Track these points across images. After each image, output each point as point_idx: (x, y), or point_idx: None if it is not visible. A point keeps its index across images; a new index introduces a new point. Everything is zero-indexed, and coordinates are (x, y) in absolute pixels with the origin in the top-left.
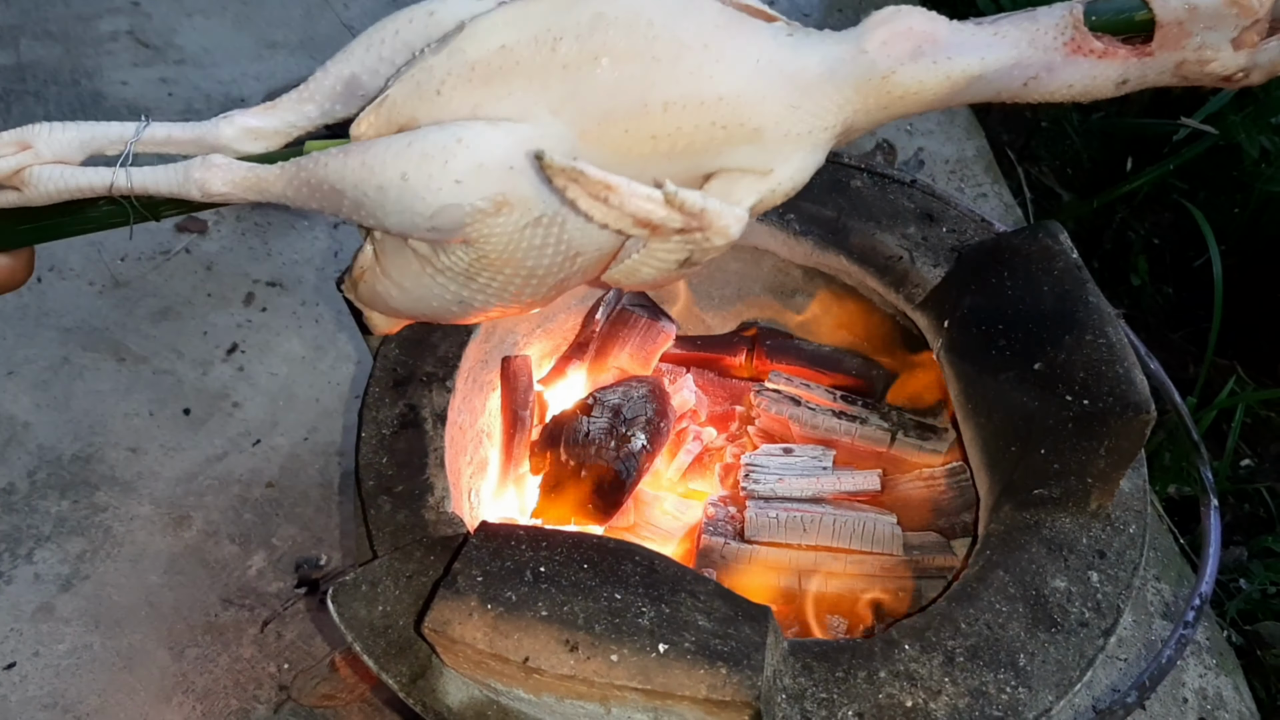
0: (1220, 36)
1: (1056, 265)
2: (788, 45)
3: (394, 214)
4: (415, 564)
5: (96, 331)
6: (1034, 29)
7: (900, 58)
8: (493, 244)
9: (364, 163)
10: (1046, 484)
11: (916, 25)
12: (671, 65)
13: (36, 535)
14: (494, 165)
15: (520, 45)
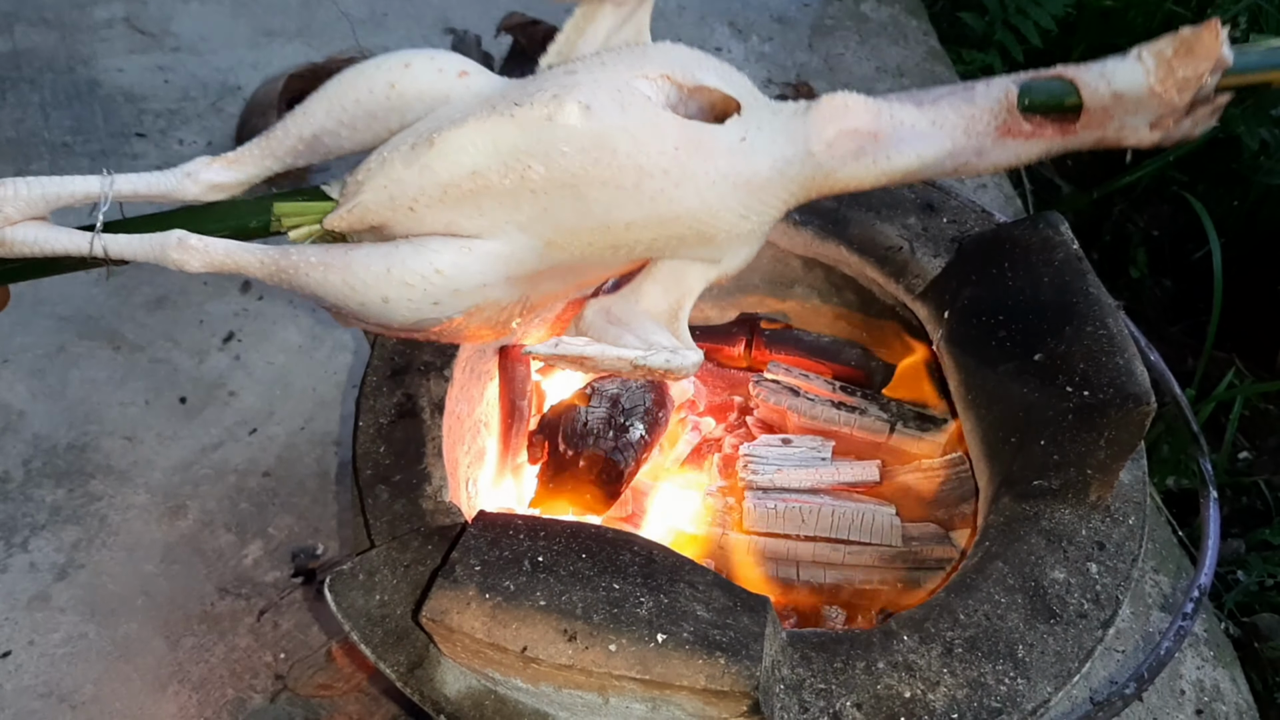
0: (1140, 120)
1: (1057, 256)
2: (740, 153)
3: (374, 322)
4: (413, 553)
5: (92, 320)
6: (971, 114)
7: (844, 158)
8: (467, 330)
9: (345, 282)
10: (1046, 475)
11: (861, 125)
12: (634, 191)
13: (32, 524)
14: (469, 289)
15: (491, 171)
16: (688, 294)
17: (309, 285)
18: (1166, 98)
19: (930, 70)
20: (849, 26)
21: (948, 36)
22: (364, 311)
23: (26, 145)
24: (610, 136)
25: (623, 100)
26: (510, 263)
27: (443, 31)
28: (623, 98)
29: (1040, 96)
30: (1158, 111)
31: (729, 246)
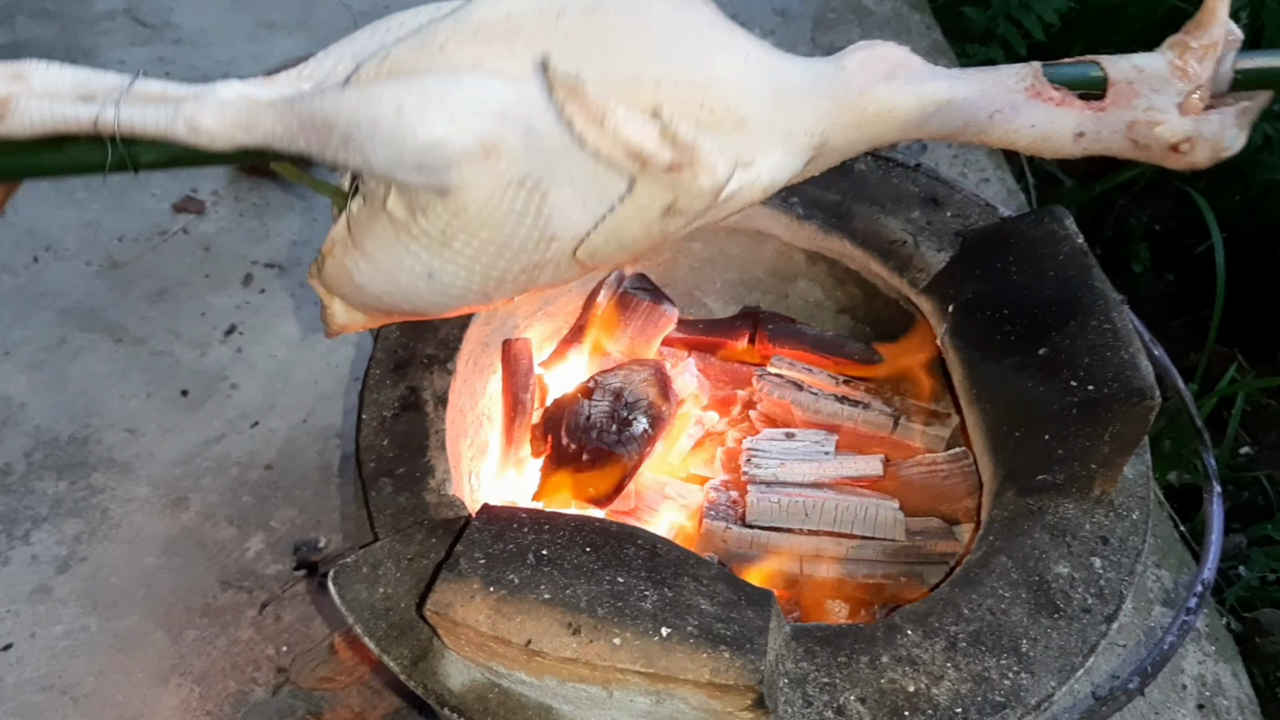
0: (1166, 100)
1: (1062, 250)
2: (775, 53)
3: (383, 147)
4: (416, 546)
5: (93, 312)
6: (997, 75)
7: (876, 77)
8: (474, 196)
9: (361, 94)
10: (1050, 470)
11: (892, 53)
12: (668, 46)
13: (33, 517)
14: (489, 109)
15: (526, 14)
16: None
17: (323, 108)
18: (1187, 70)
19: (934, 63)
20: (851, 20)
21: (950, 30)
22: (373, 130)
23: None
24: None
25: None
26: (534, 110)
27: None
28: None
29: (1065, 71)
30: (1182, 87)
31: (762, 142)
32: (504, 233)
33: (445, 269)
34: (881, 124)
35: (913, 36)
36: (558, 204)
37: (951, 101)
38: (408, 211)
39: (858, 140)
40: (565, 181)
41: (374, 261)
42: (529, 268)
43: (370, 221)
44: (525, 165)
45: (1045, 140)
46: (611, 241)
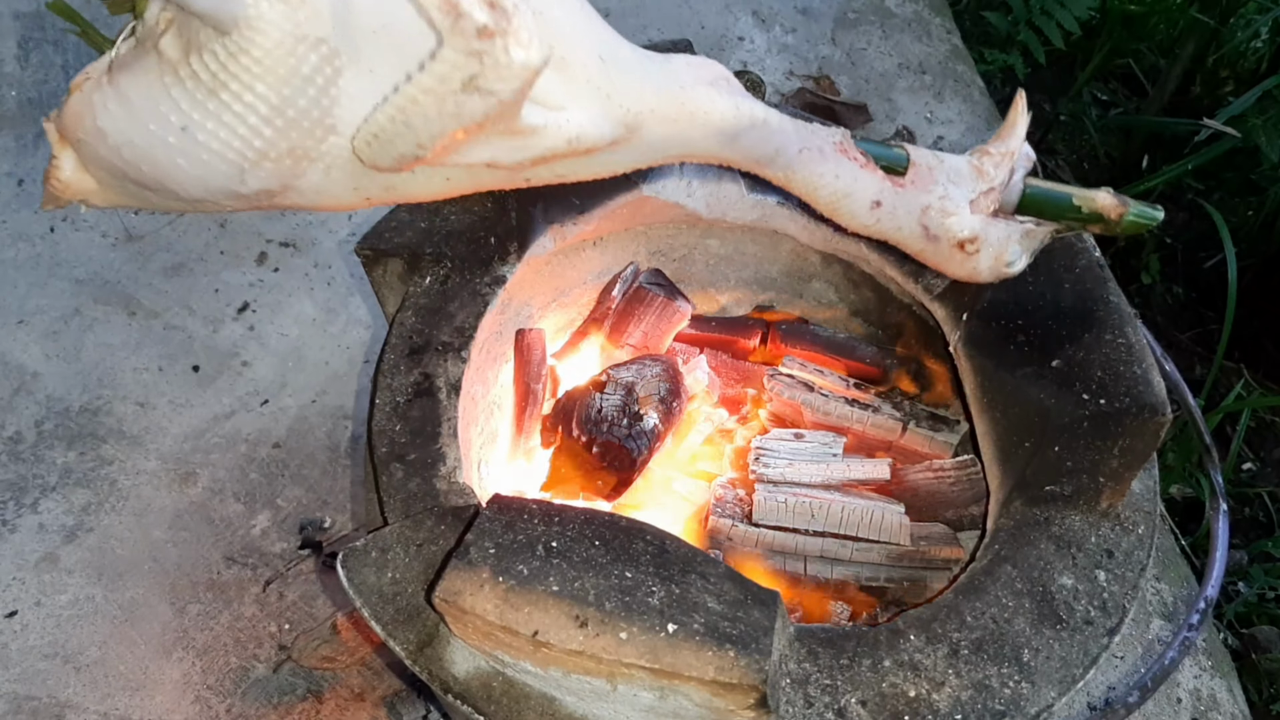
0: (961, 194)
1: (1079, 263)
2: (614, 37)
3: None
4: (426, 532)
5: (109, 284)
6: (810, 124)
7: (699, 79)
8: (262, 39)
9: None
10: (1058, 481)
11: (719, 68)
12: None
13: (42, 485)
14: None
15: None
16: None
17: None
18: (984, 170)
19: (952, 69)
20: (872, 21)
21: (971, 35)
22: None
23: (48, 106)
24: None
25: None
26: None
27: None
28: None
29: (872, 146)
30: (977, 186)
31: (578, 92)
32: (281, 94)
33: (203, 124)
34: (696, 126)
35: (933, 40)
36: (348, 89)
37: (767, 123)
38: (181, 51)
39: (670, 137)
40: (365, 70)
41: (126, 103)
42: (296, 153)
43: (136, 59)
44: (328, 28)
45: (845, 198)
46: (398, 122)
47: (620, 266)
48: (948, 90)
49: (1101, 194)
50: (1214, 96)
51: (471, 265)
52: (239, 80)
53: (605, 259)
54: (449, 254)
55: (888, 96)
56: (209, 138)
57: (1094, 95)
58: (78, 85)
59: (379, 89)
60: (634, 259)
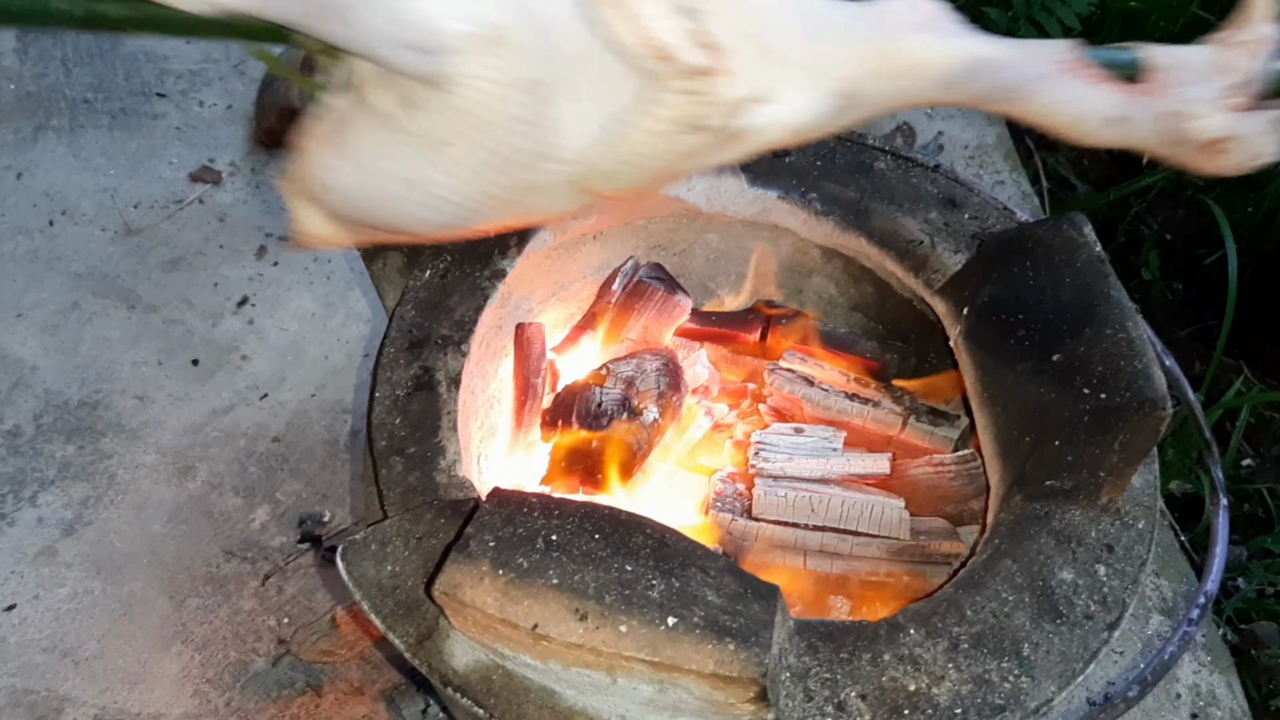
0: (1203, 93)
1: (1079, 258)
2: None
3: (374, 17)
4: (425, 526)
5: (107, 278)
6: (1037, 45)
7: (913, 25)
8: (473, 93)
9: None
10: (1059, 476)
11: (930, 6)
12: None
13: (41, 479)
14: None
15: None
16: None
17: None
18: (1230, 65)
19: None
20: None
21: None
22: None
23: (47, 100)
24: None
25: None
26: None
27: None
28: None
29: (1103, 53)
30: (1222, 83)
31: (791, 77)
32: (498, 138)
33: (430, 175)
34: (914, 77)
35: None
36: (563, 117)
37: (987, 60)
38: (396, 105)
39: (889, 93)
40: (576, 93)
41: (353, 162)
42: (521, 187)
43: (354, 116)
44: (534, 65)
45: (1077, 121)
46: (617, 157)
47: (620, 260)
48: None
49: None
50: None
51: (471, 259)
52: (455, 132)
53: (605, 253)
54: (448, 248)
55: None
56: (437, 187)
57: None
58: (302, 147)
59: (594, 111)
60: (634, 253)
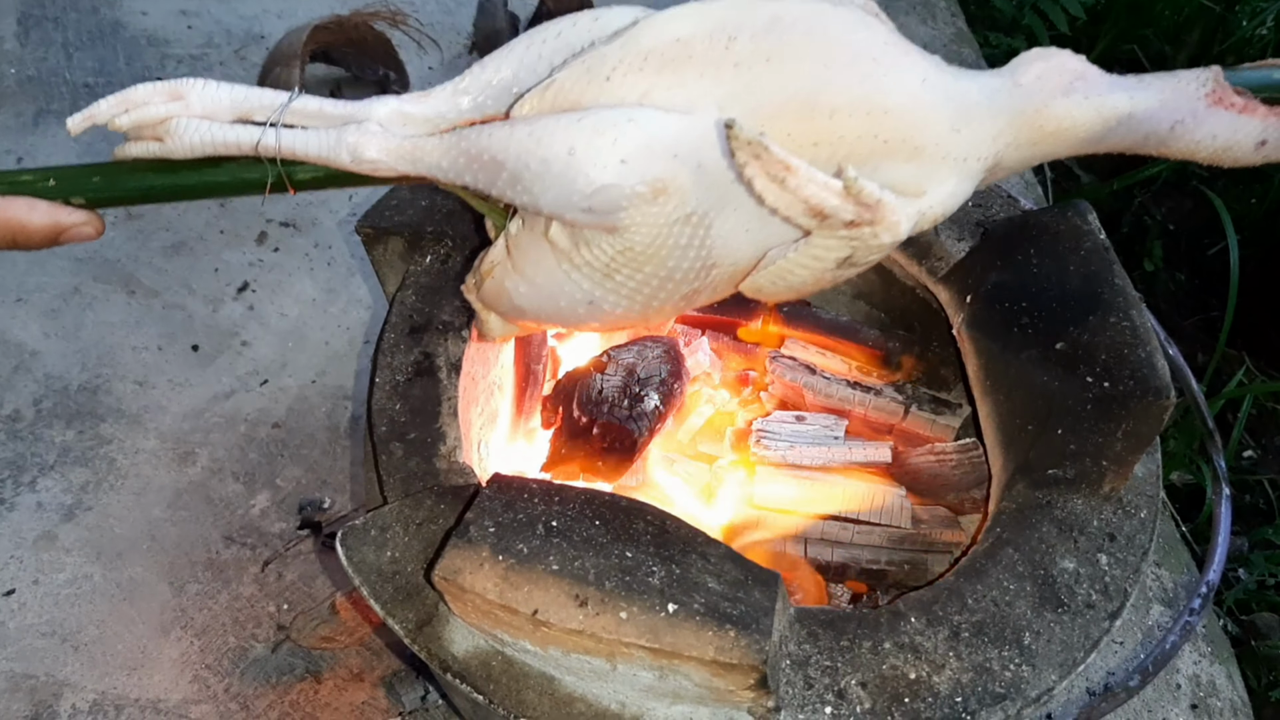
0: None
1: (1084, 245)
2: (949, 72)
3: (552, 189)
4: (425, 512)
5: (109, 263)
6: (1176, 82)
7: (1054, 91)
8: (641, 235)
9: (531, 134)
10: (1061, 464)
11: (1069, 64)
12: (844, 72)
13: (40, 464)
14: (661, 149)
15: (695, 39)
16: None
17: (490, 149)
18: None
19: (957, 52)
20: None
21: (976, 18)
22: (544, 171)
23: (48, 84)
24: (825, 15)
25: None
26: (704, 145)
27: None
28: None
29: (1247, 75)
30: None
31: (936, 171)
32: (668, 266)
33: (606, 298)
34: (1058, 141)
35: (938, 23)
36: (721, 232)
37: (1133, 115)
38: (570, 242)
39: (1030, 158)
40: (731, 210)
41: (534, 286)
42: (689, 294)
43: (531, 246)
44: (694, 201)
45: (1227, 151)
46: (779, 283)
47: None
48: None
49: None
50: None
51: (473, 244)
52: (630, 264)
53: None
54: (450, 232)
55: None
56: (613, 306)
57: None
58: (489, 272)
59: (747, 219)
60: None
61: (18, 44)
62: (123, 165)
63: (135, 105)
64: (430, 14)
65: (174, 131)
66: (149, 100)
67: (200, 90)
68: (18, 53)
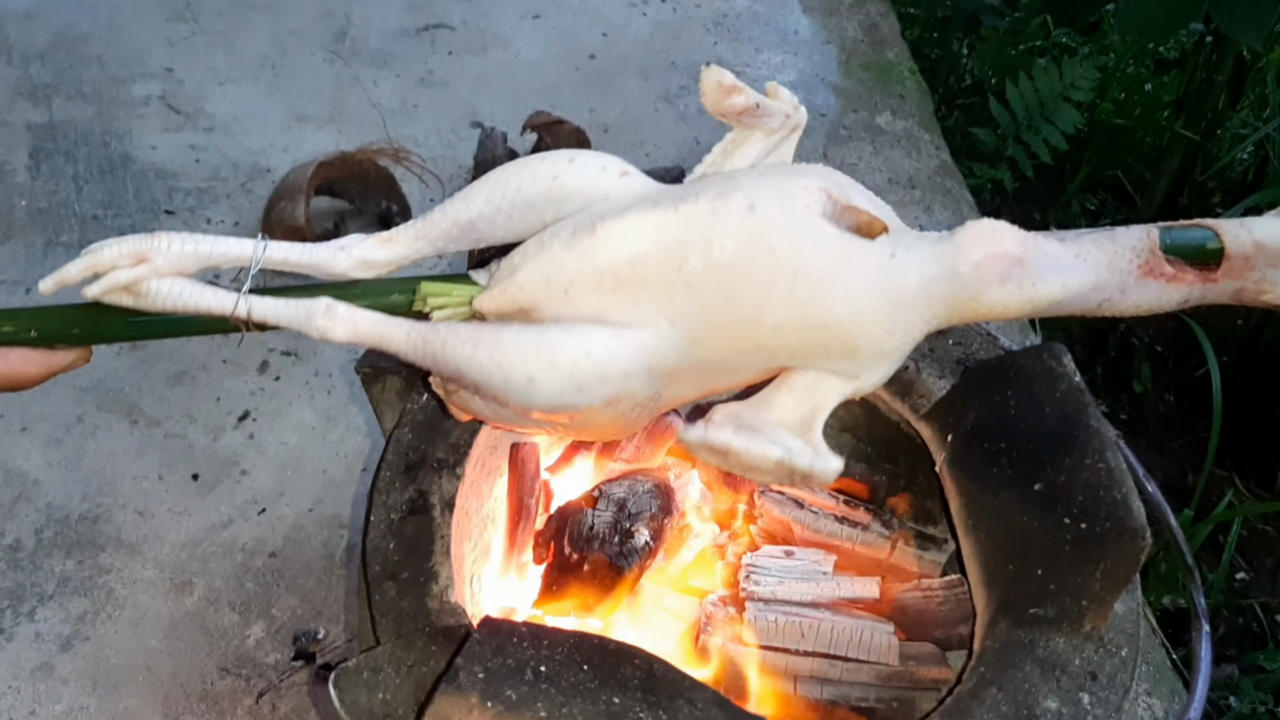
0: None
1: (1060, 387)
2: (890, 269)
3: (513, 402)
4: (417, 653)
5: (112, 392)
6: (1114, 250)
7: (990, 281)
8: (595, 420)
9: (492, 358)
10: (1042, 603)
11: (1009, 249)
12: (787, 293)
13: (40, 593)
14: (615, 376)
15: (649, 260)
16: (822, 406)
17: (454, 361)
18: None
19: (941, 183)
20: (864, 137)
21: (960, 150)
22: (505, 391)
23: (57, 216)
24: (770, 236)
25: (784, 205)
26: (656, 355)
27: (470, 125)
28: (784, 202)
29: (1181, 240)
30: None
31: (870, 362)
32: (620, 423)
33: (567, 435)
34: (988, 317)
35: (922, 155)
36: (673, 394)
37: (1063, 301)
38: None
39: (958, 324)
40: (679, 381)
41: (498, 413)
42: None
43: None
44: (645, 395)
45: (1149, 311)
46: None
47: None
48: (937, 204)
49: None
50: (1202, 207)
51: None
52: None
53: None
54: None
55: None
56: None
57: (1083, 205)
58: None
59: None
60: None
61: (29, 176)
62: (100, 311)
63: (103, 269)
64: (432, 148)
65: (146, 293)
66: (115, 263)
67: (166, 250)
68: (29, 185)
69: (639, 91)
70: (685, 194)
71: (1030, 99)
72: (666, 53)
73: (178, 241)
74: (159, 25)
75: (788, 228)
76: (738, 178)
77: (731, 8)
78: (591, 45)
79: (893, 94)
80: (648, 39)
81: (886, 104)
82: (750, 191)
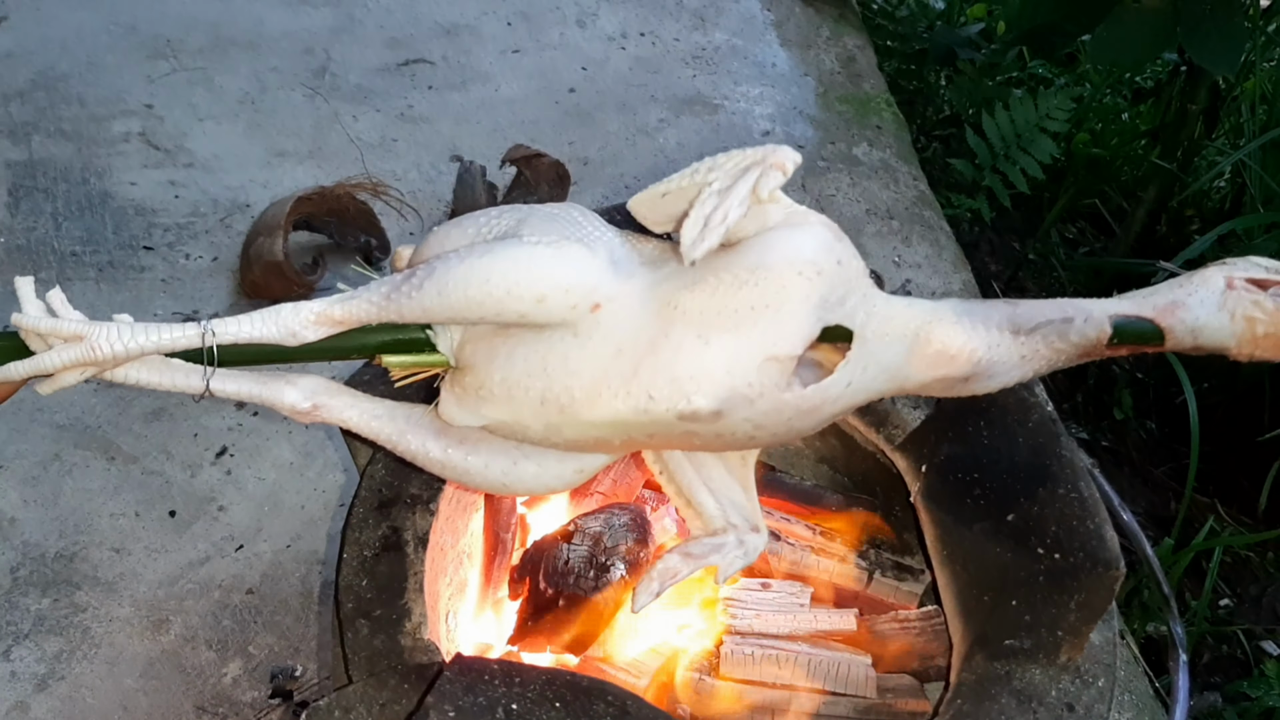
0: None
1: (1032, 418)
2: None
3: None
4: (389, 692)
5: (89, 430)
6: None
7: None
8: None
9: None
10: (1018, 635)
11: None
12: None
13: (15, 633)
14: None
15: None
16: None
17: (423, 465)
18: (1242, 354)
19: (919, 214)
20: (841, 169)
21: (937, 181)
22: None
23: (36, 253)
24: (734, 426)
25: (752, 395)
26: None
27: (450, 159)
28: (753, 391)
29: (1130, 335)
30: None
31: None
32: None
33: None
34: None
35: (900, 186)
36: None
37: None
38: None
39: None
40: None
41: None
42: None
43: None
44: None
45: None
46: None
47: None
48: (915, 234)
49: None
50: (1180, 235)
51: None
52: None
53: None
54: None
55: (856, 241)
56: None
57: (1062, 235)
58: None
59: None
60: None
61: (8, 214)
62: None
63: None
64: (412, 182)
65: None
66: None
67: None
68: (8, 222)
69: (618, 125)
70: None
71: (1007, 130)
72: (646, 86)
73: (119, 340)
74: (139, 63)
75: (752, 417)
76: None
77: (710, 41)
78: (571, 80)
79: (870, 126)
80: (627, 73)
81: (864, 135)
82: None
